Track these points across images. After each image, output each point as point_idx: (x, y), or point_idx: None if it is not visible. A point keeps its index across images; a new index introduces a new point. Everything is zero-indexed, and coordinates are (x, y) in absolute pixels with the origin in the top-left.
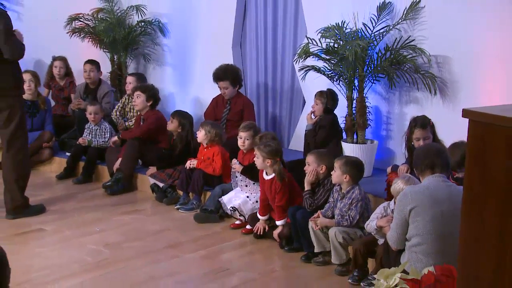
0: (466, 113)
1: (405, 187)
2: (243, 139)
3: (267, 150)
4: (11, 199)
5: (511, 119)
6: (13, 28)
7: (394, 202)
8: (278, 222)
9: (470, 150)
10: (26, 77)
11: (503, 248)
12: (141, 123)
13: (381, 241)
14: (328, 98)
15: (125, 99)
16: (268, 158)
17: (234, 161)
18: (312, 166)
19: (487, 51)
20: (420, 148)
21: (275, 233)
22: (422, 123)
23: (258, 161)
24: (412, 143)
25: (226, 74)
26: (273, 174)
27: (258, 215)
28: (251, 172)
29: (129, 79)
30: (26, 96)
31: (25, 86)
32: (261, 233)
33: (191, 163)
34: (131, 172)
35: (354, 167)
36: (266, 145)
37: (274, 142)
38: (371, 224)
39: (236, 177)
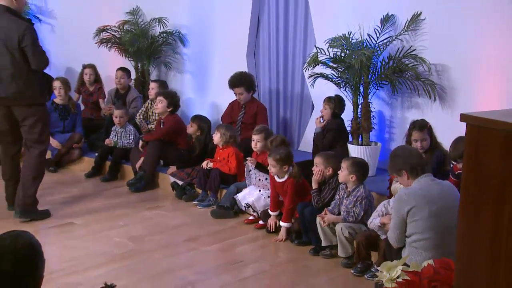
0: (463, 117)
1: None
2: (255, 141)
3: (281, 156)
4: (24, 195)
5: (505, 123)
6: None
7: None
8: (282, 223)
9: (467, 152)
10: (57, 84)
11: (497, 243)
12: (161, 126)
13: (383, 237)
14: (336, 104)
15: (148, 104)
16: (285, 164)
17: (249, 158)
18: (319, 167)
19: (482, 60)
20: (399, 151)
21: (282, 233)
22: (420, 125)
23: (275, 169)
24: (411, 145)
25: (241, 81)
26: (285, 177)
27: (269, 211)
28: (264, 167)
29: (152, 85)
30: (57, 100)
31: (56, 92)
32: (273, 229)
33: (208, 163)
34: (153, 171)
35: (360, 168)
36: (279, 153)
37: (284, 148)
38: (374, 222)
39: (250, 171)
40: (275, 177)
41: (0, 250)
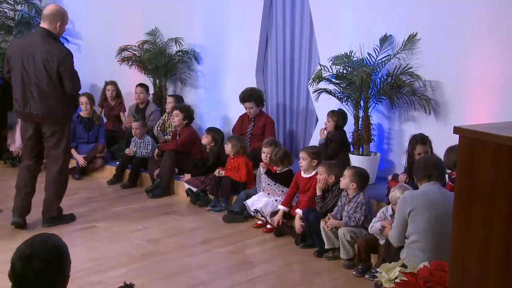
0: (456, 130)
1: (401, 194)
2: (265, 153)
3: (314, 151)
4: (48, 209)
5: (494, 136)
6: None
7: (392, 208)
8: (297, 210)
9: (460, 162)
10: (83, 99)
11: (488, 246)
12: (177, 138)
13: (382, 241)
14: (339, 117)
15: (165, 117)
16: (315, 159)
17: (261, 163)
18: (323, 175)
19: (473, 77)
20: (421, 159)
21: (297, 222)
22: (422, 140)
23: (305, 162)
24: (414, 158)
25: (251, 96)
26: (313, 173)
27: (279, 205)
28: (272, 175)
29: (169, 99)
30: (83, 114)
31: (82, 106)
32: (279, 224)
33: (219, 172)
34: (169, 179)
35: (361, 176)
36: (311, 148)
37: (316, 147)
38: (375, 226)
39: (261, 174)
40: (302, 172)
41: (31, 251)
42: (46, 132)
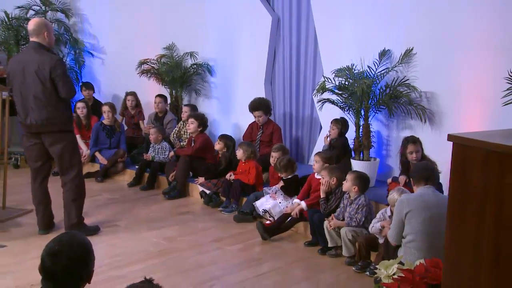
0: (450, 137)
1: (398, 197)
2: (273, 158)
3: (326, 156)
4: (68, 217)
5: (485, 143)
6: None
7: (390, 209)
8: (302, 202)
9: (453, 167)
10: (105, 108)
11: (479, 245)
12: (192, 144)
13: (381, 240)
14: (341, 125)
15: (181, 124)
16: (326, 163)
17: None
18: (326, 178)
19: (465, 88)
20: (421, 163)
21: (298, 208)
22: (413, 139)
23: (318, 165)
24: (406, 157)
25: (260, 105)
26: None
27: (296, 199)
28: (287, 188)
29: (185, 108)
30: (105, 122)
31: (105, 115)
32: (297, 216)
33: (231, 175)
34: (184, 182)
35: (362, 180)
36: (325, 153)
37: (329, 152)
38: (375, 226)
39: (272, 191)
40: (315, 174)
41: (59, 248)
42: (48, 142)
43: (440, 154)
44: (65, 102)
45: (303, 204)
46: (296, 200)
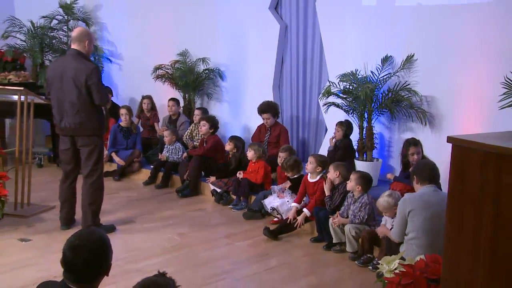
0: (449, 139)
1: (389, 199)
2: (281, 158)
3: (321, 160)
4: (85, 219)
5: (483, 144)
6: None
7: (380, 214)
8: (304, 210)
9: (452, 167)
10: (123, 111)
11: (477, 240)
12: (204, 145)
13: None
14: (346, 127)
15: (193, 126)
16: (320, 166)
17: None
18: (330, 172)
19: (464, 93)
20: (427, 163)
21: (302, 217)
22: (414, 142)
23: (311, 166)
24: (407, 158)
25: (269, 108)
26: (317, 178)
27: (293, 202)
28: (294, 188)
29: (196, 112)
30: (122, 124)
31: (122, 117)
32: (292, 219)
33: (240, 174)
34: (196, 181)
35: (365, 180)
36: (321, 156)
37: (325, 156)
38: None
39: (279, 189)
40: (309, 178)
41: (79, 242)
42: (79, 144)
43: (440, 155)
44: (97, 108)
45: (306, 211)
46: (293, 204)
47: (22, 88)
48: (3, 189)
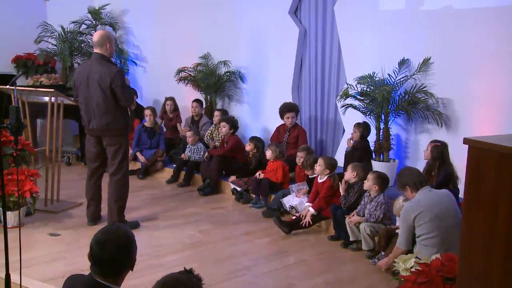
0: (466, 140)
1: (404, 203)
2: (299, 157)
3: (330, 162)
4: (111, 216)
5: (499, 146)
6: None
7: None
8: (310, 208)
9: (469, 168)
10: (147, 112)
11: (492, 242)
12: (224, 145)
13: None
14: (363, 128)
15: (213, 127)
16: (327, 169)
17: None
18: (348, 171)
19: (479, 95)
20: (408, 172)
21: (308, 215)
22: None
23: (319, 168)
24: (430, 174)
25: (294, 107)
26: (324, 179)
27: (307, 202)
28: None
29: (216, 113)
30: (147, 124)
31: (147, 118)
32: (311, 223)
33: (260, 174)
34: (217, 180)
35: (382, 180)
36: (330, 159)
37: (334, 159)
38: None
39: (297, 189)
40: (319, 178)
41: (106, 238)
42: (106, 143)
43: (456, 157)
44: (123, 109)
45: (311, 210)
46: (307, 204)
47: (52, 90)
48: (35, 186)
